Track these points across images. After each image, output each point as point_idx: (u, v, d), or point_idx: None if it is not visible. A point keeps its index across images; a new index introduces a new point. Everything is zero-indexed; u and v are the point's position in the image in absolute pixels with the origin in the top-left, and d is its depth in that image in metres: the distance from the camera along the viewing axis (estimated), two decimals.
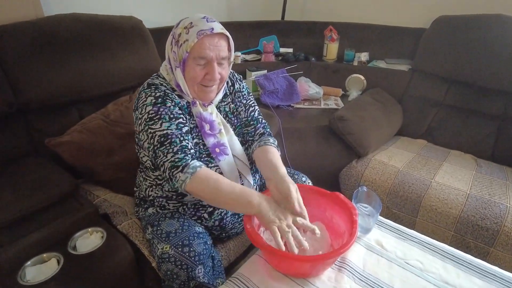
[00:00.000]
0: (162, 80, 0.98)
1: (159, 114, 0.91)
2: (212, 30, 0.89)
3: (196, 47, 0.90)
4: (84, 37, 1.37)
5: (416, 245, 0.97)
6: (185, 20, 0.93)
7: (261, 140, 1.08)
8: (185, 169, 0.86)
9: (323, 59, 2.33)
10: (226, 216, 1.06)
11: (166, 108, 0.92)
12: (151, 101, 0.92)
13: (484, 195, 1.38)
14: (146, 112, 0.92)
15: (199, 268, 0.90)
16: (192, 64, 0.92)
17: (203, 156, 1.00)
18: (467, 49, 1.75)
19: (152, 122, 0.90)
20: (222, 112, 1.09)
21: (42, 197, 1.05)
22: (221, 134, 1.03)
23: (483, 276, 0.87)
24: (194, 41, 0.88)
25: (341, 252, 0.79)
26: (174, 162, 0.87)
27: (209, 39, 0.90)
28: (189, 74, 0.94)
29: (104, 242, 1.01)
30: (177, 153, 0.88)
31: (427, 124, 1.92)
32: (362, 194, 1.03)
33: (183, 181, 0.86)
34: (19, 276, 0.89)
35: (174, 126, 0.91)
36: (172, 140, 0.89)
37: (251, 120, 1.12)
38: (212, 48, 0.91)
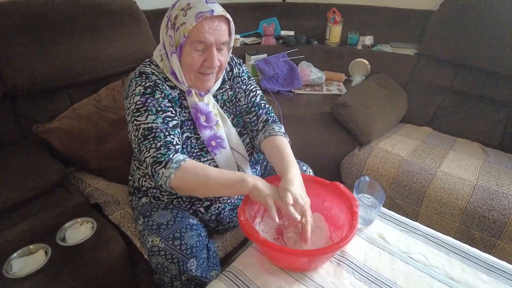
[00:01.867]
0: (154, 68, 0.92)
1: (146, 106, 0.85)
2: (212, 13, 0.82)
3: (194, 31, 0.82)
4: (74, 18, 1.30)
5: (420, 238, 0.93)
6: (182, 0, 0.85)
7: (265, 130, 1.00)
8: (168, 164, 0.81)
9: (326, 42, 2.25)
10: (224, 211, 1.02)
11: (154, 100, 0.86)
12: (140, 91, 0.87)
13: (491, 186, 1.33)
14: (133, 102, 0.86)
15: (191, 261, 0.86)
16: (189, 50, 0.85)
17: (195, 151, 0.95)
18: (477, 32, 1.66)
19: (138, 114, 0.85)
20: (220, 101, 1.02)
21: (29, 186, 1.02)
22: (218, 126, 0.97)
23: (490, 271, 0.83)
24: (192, 24, 0.81)
25: (340, 246, 0.75)
26: (156, 158, 0.82)
27: (208, 22, 0.83)
28: (185, 61, 0.87)
29: (94, 233, 0.98)
30: (160, 148, 0.82)
31: (432, 111, 1.86)
32: (365, 184, 0.99)
33: (167, 177, 0.80)
34: (4, 269, 0.86)
35: (160, 120, 0.85)
36: (156, 135, 0.83)
37: (252, 107, 1.04)
38: (211, 32, 0.83)
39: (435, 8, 1.89)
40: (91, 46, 1.34)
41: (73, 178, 1.23)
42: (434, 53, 1.86)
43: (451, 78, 1.81)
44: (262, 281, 0.79)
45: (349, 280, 0.80)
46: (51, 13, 1.25)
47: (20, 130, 1.25)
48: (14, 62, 1.16)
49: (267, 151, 0.98)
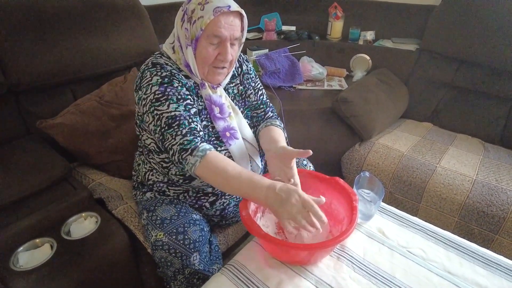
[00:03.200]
0: (166, 59, 0.93)
1: (166, 95, 0.85)
2: (229, 8, 0.84)
3: (211, 25, 0.84)
4: (75, 14, 1.30)
5: (419, 233, 0.94)
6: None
7: (267, 122, 1.06)
8: (195, 152, 0.82)
9: (327, 37, 2.25)
10: (229, 206, 1.03)
11: (173, 88, 0.86)
12: (157, 81, 0.86)
13: (491, 181, 1.34)
14: (151, 92, 0.86)
15: (194, 256, 0.88)
16: (204, 43, 0.86)
17: (212, 139, 0.96)
18: (479, 28, 1.66)
19: (158, 103, 0.85)
20: (231, 94, 1.04)
21: (34, 181, 1.03)
22: (230, 117, 0.98)
23: (487, 266, 0.85)
24: (210, 18, 0.83)
25: (340, 240, 0.76)
26: (183, 145, 0.82)
27: (225, 17, 0.84)
28: (201, 54, 0.88)
29: (98, 227, 0.99)
30: (186, 135, 0.83)
31: (433, 106, 1.86)
32: (364, 179, 1.00)
33: (193, 164, 0.81)
34: (11, 262, 0.87)
35: (182, 108, 0.86)
36: (180, 122, 0.84)
37: (261, 104, 1.10)
38: (227, 27, 0.85)
39: (437, 2, 1.88)
40: (94, 41, 1.34)
41: (77, 173, 1.24)
42: (435, 49, 1.86)
43: (452, 74, 1.81)
44: (263, 275, 0.80)
45: (349, 274, 0.81)
46: (54, 9, 1.25)
47: (23, 125, 1.26)
48: (17, 58, 1.17)
49: (262, 135, 1.03)
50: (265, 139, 1.01)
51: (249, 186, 0.79)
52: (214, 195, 1.00)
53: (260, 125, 1.07)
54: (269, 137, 0.99)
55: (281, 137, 0.99)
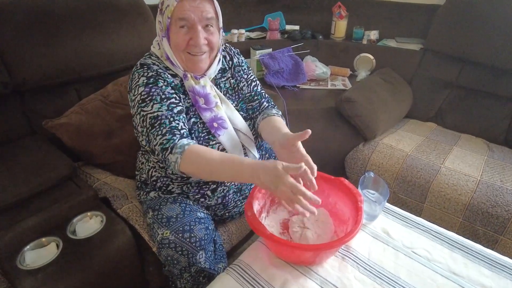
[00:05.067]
0: (154, 59, 0.95)
1: (150, 95, 0.87)
2: None
3: (176, 10, 0.85)
4: (80, 14, 1.31)
5: (424, 234, 0.94)
6: None
7: (264, 113, 1.06)
8: (174, 149, 0.83)
9: (331, 37, 2.24)
10: (228, 193, 1.04)
11: (157, 88, 0.88)
12: (143, 82, 0.89)
13: (495, 182, 1.34)
14: (138, 93, 0.89)
15: (200, 254, 0.88)
16: (174, 29, 0.88)
17: (203, 135, 0.97)
18: (483, 28, 1.65)
19: (144, 104, 0.87)
20: (223, 88, 1.05)
21: (39, 180, 1.03)
22: (217, 107, 0.98)
23: (492, 267, 0.84)
24: (173, 4, 0.85)
25: (345, 241, 0.76)
26: (163, 145, 0.84)
27: (189, 1, 0.85)
28: (173, 41, 0.89)
29: (103, 226, 1.00)
30: (165, 134, 0.84)
31: (437, 106, 1.85)
32: (369, 180, 1.00)
33: (175, 162, 0.82)
34: (18, 261, 0.88)
35: (165, 107, 0.87)
36: (161, 122, 0.86)
37: (255, 95, 1.10)
38: (192, 9, 0.86)
39: (441, 2, 1.87)
40: (98, 41, 1.35)
41: (81, 173, 1.25)
42: (439, 48, 1.85)
43: (457, 74, 1.80)
44: (268, 275, 0.80)
45: (354, 274, 0.81)
46: (59, 9, 1.26)
47: (28, 124, 1.26)
48: (22, 57, 1.18)
49: (263, 128, 1.03)
50: (266, 132, 1.01)
51: (234, 174, 0.81)
52: (214, 183, 1.01)
53: (258, 118, 1.08)
54: (269, 129, 1.00)
55: (281, 124, 1.00)
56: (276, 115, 1.04)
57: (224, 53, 1.07)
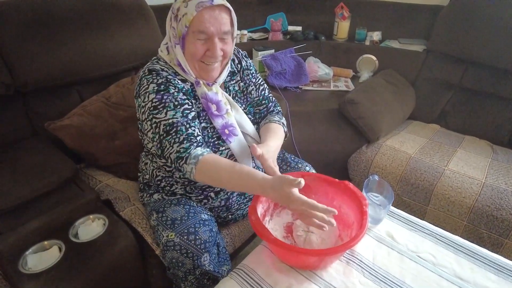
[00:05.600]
0: (163, 64, 0.93)
1: (163, 102, 0.86)
2: (212, 2, 0.83)
3: (195, 21, 0.83)
4: (82, 15, 1.30)
5: (429, 237, 0.93)
6: None
7: (266, 118, 1.07)
8: (188, 159, 0.83)
9: (334, 38, 2.24)
10: (232, 196, 1.04)
11: (170, 95, 0.87)
12: (154, 89, 0.87)
13: (500, 184, 1.33)
14: (149, 100, 0.87)
15: (205, 256, 0.88)
16: (192, 39, 0.86)
17: (213, 140, 0.96)
18: (487, 29, 1.64)
19: (156, 111, 0.86)
20: (232, 91, 1.04)
21: (42, 183, 1.03)
22: (228, 114, 0.98)
23: (499, 272, 0.83)
24: (193, 14, 0.83)
25: (350, 246, 0.75)
26: (179, 153, 0.84)
27: (209, 12, 0.84)
28: (189, 50, 0.88)
29: (106, 229, 0.99)
30: (182, 142, 0.84)
31: (440, 108, 1.84)
32: (374, 183, 0.99)
33: (190, 172, 0.83)
34: (20, 264, 0.87)
35: (180, 114, 0.86)
36: (178, 129, 0.85)
37: (262, 100, 1.10)
38: (212, 21, 0.84)
39: (444, 3, 1.86)
40: (100, 42, 1.34)
41: (84, 175, 1.24)
42: (443, 50, 1.84)
43: (460, 75, 1.80)
44: (272, 279, 0.80)
45: (359, 279, 0.81)
46: (61, 10, 1.25)
47: (30, 126, 1.26)
48: (24, 59, 1.17)
49: (261, 132, 1.03)
50: (261, 140, 1.01)
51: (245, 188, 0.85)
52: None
53: (261, 122, 1.08)
54: (262, 137, 1.02)
55: (271, 134, 0.99)
56: (275, 122, 1.05)
57: (232, 56, 1.06)
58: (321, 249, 0.84)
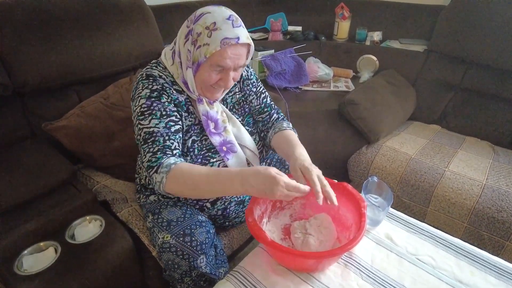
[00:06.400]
0: (161, 71, 0.90)
1: (150, 110, 0.84)
2: (238, 40, 0.81)
3: (216, 55, 0.81)
4: (80, 16, 1.29)
5: (428, 240, 0.92)
6: (206, 16, 0.82)
7: (275, 127, 1.05)
8: (159, 169, 0.80)
9: (334, 38, 2.23)
10: (230, 205, 1.02)
11: (160, 103, 0.85)
12: (146, 94, 0.85)
13: (501, 186, 1.31)
14: (139, 105, 0.85)
15: (201, 258, 0.87)
16: (207, 69, 0.84)
17: (203, 152, 0.95)
18: (489, 29, 1.63)
19: (142, 117, 0.84)
20: (229, 104, 1.02)
21: (38, 184, 1.03)
22: (226, 131, 0.96)
23: (499, 275, 0.82)
24: (216, 48, 0.80)
25: (348, 248, 0.74)
26: (151, 162, 0.81)
27: (232, 49, 0.81)
28: (201, 77, 0.86)
29: (102, 230, 0.99)
30: (156, 153, 0.81)
31: (441, 108, 1.83)
32: (373, 184, 0.98)
33: (160, 182, 0.80)
34: (15, 266, 0.87)
35: (163, 124, 0.84)
36: (155, 139, 0.83)
37: (264, 107, 1.08)
38: (233, 58, 0.83)
39: (446, 3, 1.85)
40: (99, 43, 1.34)
41: (81, 176, 1.24)
42: (444, 50, 1.83)
43: (461, 76, 1.78)
44: (269, 282, 0.79)
45: (357, 282, 0.80)
46: (59, 11, 1.25)
47: (28, 127, 1.25)
48: (23, 59, 1.17)
49: (276, 143, 1.01)
50: (280, 148, 1.00)
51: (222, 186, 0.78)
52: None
53: (269, 132, 1.06)
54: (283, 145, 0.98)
55: (294, 141, 0.97)
56: (288, 129, 1.03)
57: None
58: (318, 251, 0.83)
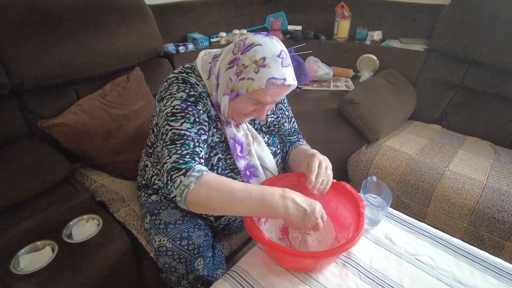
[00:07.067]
0: (197, 79, 0.86)
1: (184, 112, 0.79)
2: (284, 82, 0.77)
3: (259, 92, 0.78)
4: (79, 14, 1.29)
5: (428, 240, 0.91)
6: (256, 48, 0.76)
7: (295, 145, 1.09)
8: (189, 172, 0.72)
9: (334, 37, 2.22)
10: (234, 222, 1.01)
11: (195, 109, 0.81)
12: (182, 97, 0.81)
13: (502, 186, 1.30)
14: (171, 105, 0.80)
15: (198, 261, 0.86)
16: (245, 101, 0.81)
17: (226, 172, 0.93)
18: (490, 28, 1.62)
19: (173, 118, 0.79)
20: (257, 123, 1.00)
21: (36, 183, 1.02)
22: (250, 155, 0.94)
23: (499, 275, 0.81)
24: (261, 86, 0.76)
25: (346, 248, 0.74)
26: (177, 164, 0.73)
27: (275, 88, 0.78)
28: (236, 106, 0.83)
29: (100, 230, 0.98)
30: (184, 156, 0.74)
31: (442, 108, 1.82)
32: (372, 184, 0.97)
33: (186, 186, 0.70)
34: (12, 265, 0.86)
35: (195, 130, 0.79)
36: (186, 142, 0.77)
37: (294, 132, 1.11)
38: (274, 96, 0.80)
39: (446, 2, 1.84)
40: (97, 41, 1.33)
41: (79, 175, 1.23)
42: (444, 49, 1.82)
43: (462, 75, 1.77)
44: (267, 282, 0.78)
45: (355, 282, 0.79)
46: (57, 9, 1.24)
47: (26, 126, 1.25)
48: (20, 58, 1.16)
49: (293, 157, 1.05)
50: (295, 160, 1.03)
51: (259, 198, 0.72)
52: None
53: (290, 149, 1.09)
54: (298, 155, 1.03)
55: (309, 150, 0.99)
56: (305, 145, 1.08)
57: None
58: (316, 251, 0.82)
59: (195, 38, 1.80)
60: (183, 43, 1.77)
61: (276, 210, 0.72)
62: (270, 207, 0.72)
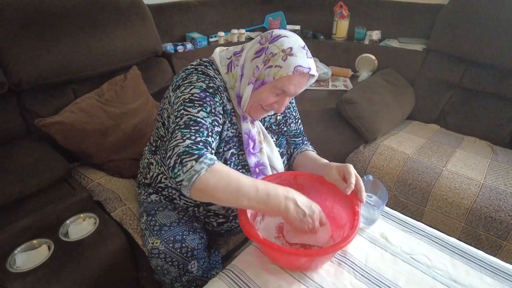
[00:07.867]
0: (216, 73, 0.87)
1: (202, 101, 0.79)
2: (309, 71, 0.81)
3: (285, 79, 0.81)
4: (78, 13, 1.30)
5: (424, 239, 0.91)
6: (284, 39, 0.81)
7: (302, 148, 1.09)
8: (201, 158, 0.70)
9: (332, 37, 2.22)
10: (236, 230, 1.02)
11: (212, 100, 0.81)
12: (201, 87, 0.81)
13: (499, 185, 1.30)
14: (189, 93, 0.80)
15: (192, 263, 0.86)
16: (269, 89, 0.83)
17: (238, 168, 0.93)
18: (488, 28, 1.62)
19: (191, 105, 0.78)
20: (267, 122, 1.01)
21: (33, 181, 1.02)
22: (261, 152, 0.95)
23: (495, 275, 0.81)
24: (288, 73, 0.79)
25: (340, 247, 0.73)
26: (190, 149, 0.71)
27: (300, 77, 0.82)
28: (259, 95, 0.84)
29: (96, 228, 0.98)
30: (198, 143, 0.73)
31: (440, 108, 1.82)
32: (368, 183, 0.97)
33: (197, 172, 0.68)
34: (8, 263, 0.87)
35: (210, 120, 0.79)
36: (200, 129, 0.76)
37: (299, 134, 1.12)
38: (297, 85, 0.83)
39: (444, 2, 1.84)
40: (95, 41, 1.34)
41: (76, 173, 1.24)
42: (443, 49, 1.82)
43: (460, 75, 1.77)
44: (262, 280, 0.78)
45: (350, 281, 0.79)
46: (56, 8, 1.25)
47: (24, 125, 1.25)
48: (19, 57, 1.17)
49: (301, 162, 1.05)
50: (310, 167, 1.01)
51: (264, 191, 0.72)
52: (224, 217, 0.96)
53: (295, 152, 1.09)
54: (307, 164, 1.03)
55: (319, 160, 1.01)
56: (312, 151, 1.09)
57: None
58: (310, 249, 0.82)
59: (193, 38, 1.80)
60: (181, 43, 1.78)
61: (279, 209, 0.74)
62: (273, 206, 0.74)
